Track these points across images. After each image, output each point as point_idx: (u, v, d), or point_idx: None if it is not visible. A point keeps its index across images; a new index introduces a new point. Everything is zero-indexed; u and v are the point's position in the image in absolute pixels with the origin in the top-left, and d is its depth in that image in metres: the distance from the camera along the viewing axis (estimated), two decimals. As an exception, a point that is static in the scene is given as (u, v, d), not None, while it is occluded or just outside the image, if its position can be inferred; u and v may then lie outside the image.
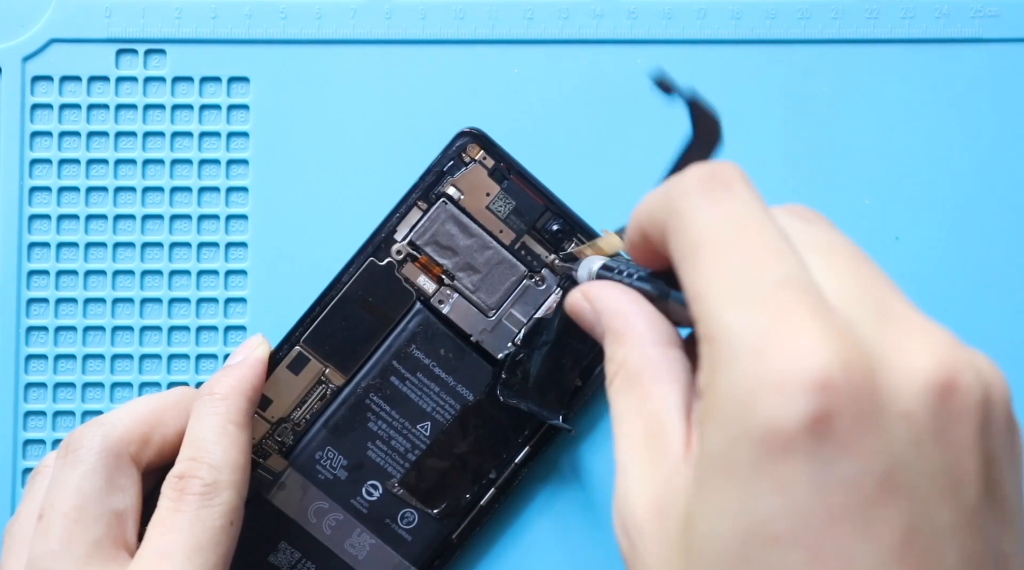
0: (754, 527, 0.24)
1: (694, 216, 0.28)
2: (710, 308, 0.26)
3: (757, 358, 0.24)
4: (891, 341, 0.25)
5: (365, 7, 0.49)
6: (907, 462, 0.24)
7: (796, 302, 0.25)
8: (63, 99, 0.49)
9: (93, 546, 0.39)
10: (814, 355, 0.24)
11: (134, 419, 0.42)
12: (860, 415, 0.24)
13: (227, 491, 0.40)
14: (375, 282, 0.46)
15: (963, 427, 0.25)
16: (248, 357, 0.44)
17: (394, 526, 0.47)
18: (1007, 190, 0.49)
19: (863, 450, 0.24)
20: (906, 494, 0.24)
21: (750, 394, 0.24)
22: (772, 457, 0.24)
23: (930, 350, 0.25)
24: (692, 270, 0.27)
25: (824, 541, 0.24)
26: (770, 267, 0.26)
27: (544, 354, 0.46)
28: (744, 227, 0.27)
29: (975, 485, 0.25)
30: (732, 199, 0.28)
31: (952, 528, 0.24)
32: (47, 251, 0.49)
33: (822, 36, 0.50)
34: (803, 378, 0.24)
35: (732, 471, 0.25)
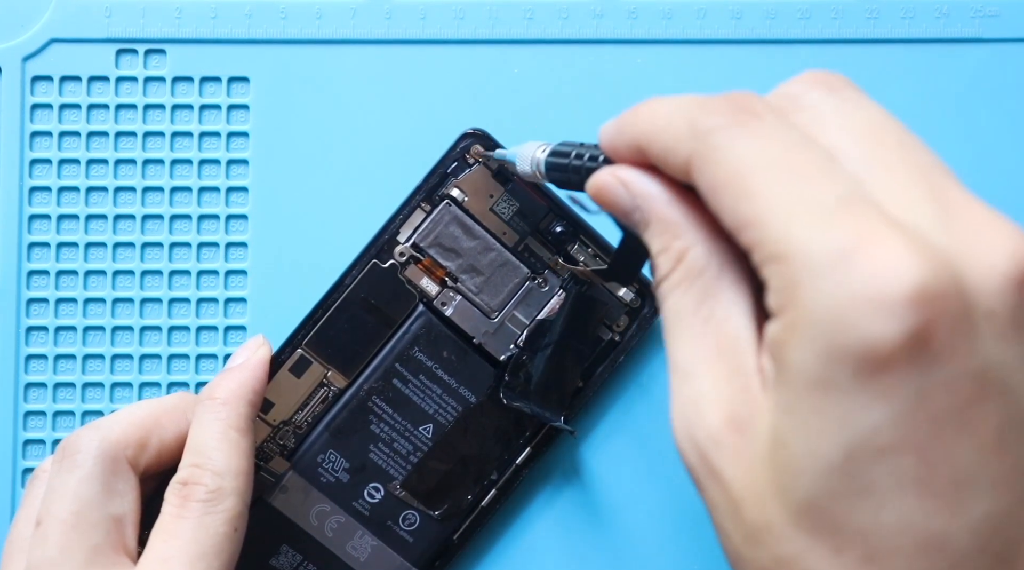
0: (858, 442, 0.24)
1: (732, 147, 0.27)
2: (776, 229, 0.25)
3: (844, 275, 0.24)
4: (965, 241, 0.25)
5: (365, 7, 0.49)
6: (996, 358, 0.24)
7: (864, 216, 0.25)
8: (63, 99, 0.49)
9: (92, 552, 0.39)
10: (907, 270, 0.24)
11: (131, 423, 0.42)
12: (955, 322, 0.24)
13: (231, 498, 0.40)
14: (378, 284, 0.46)
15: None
16: (249, 360, 0.44)
17: (396, 528, 0.47)
18: (1007, 190, 0.49)
19: (959, 354, 0.24)
20: (998, 390, 0.24)
21: (844, 311, 0.24)
22: (874, 372, 0.24)
23: (1001, 246, 0.25)
24: (741, 198, 0.27)
25: (928, 445, 0.24)
26: (827, 185, 0.26)
27: (546, 356, 0.46)
28: (787, 149, 0.27)
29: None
30: (768, 126, 0.27)
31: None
32: (47, 251, 0.49)
33: (822, 36, 0.50)
34: (900, 293, 0.23)
35: (829, 389, 0.25)
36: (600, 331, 0.47)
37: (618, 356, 0.47)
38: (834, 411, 0.25)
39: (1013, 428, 0.24)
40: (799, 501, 0.26)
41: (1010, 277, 0.25)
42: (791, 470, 0.26)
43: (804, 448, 0.25)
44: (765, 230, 0.26)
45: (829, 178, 0.26)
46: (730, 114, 0.28)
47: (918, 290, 0.23)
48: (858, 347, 0.24)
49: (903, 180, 0.26)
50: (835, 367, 0.24)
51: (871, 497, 0.25)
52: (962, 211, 0.26)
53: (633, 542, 0.49)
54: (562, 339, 0.46)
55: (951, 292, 0.24)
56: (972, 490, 0.24)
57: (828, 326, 0.24)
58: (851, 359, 0.24)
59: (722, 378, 0.28)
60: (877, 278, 0.24)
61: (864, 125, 0.28)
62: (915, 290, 0.23)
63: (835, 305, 0.24)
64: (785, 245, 0.25)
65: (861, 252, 0.24)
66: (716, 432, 0.28)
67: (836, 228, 0.25)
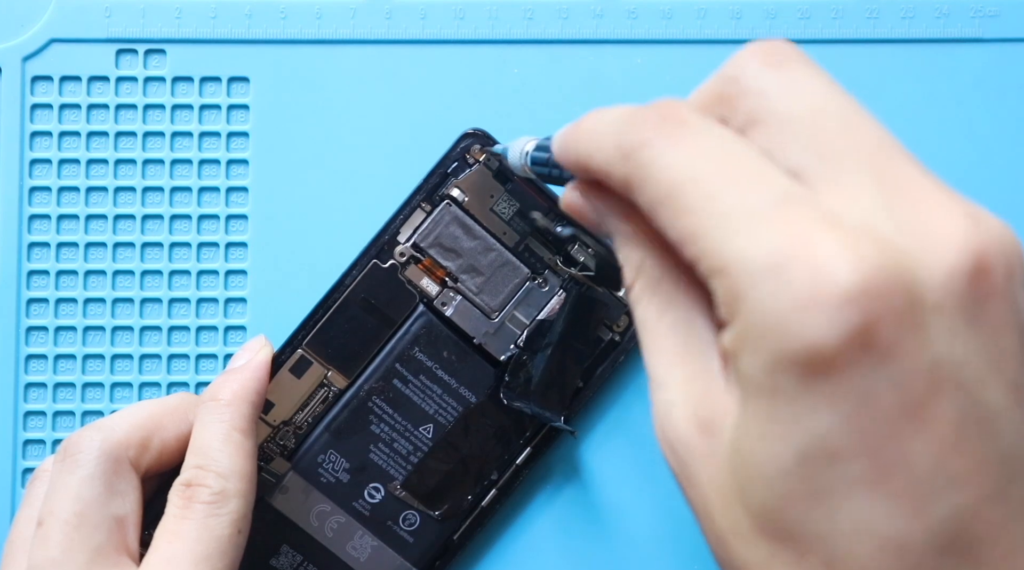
0: (809, 446, 0.24)
1: (660, 163, 0.27)
2: (713, 243, 0.25)
3: (782, 281, 0.24)
4: (910, 232, 0.25)
5: (365, 7, 0.49)
6: (949, 354, 0.24)
7: (802, 216, 0.24)
8: (63, 99, 0.49)
9: (94, 553, 0.39)
10: (841, 267, 0.23)
11: (133, 424, 0.42)
12: (899, 319, 0.23)
13: (235, 500, 0.40)
14: (378, 284, 0.46)
15: (995, 306, 0.24)
16: (251, 361, 0.44)
17: (396, 528, 0.47)
18: (1007, 190, 0.49)
19: (906, 351, 0.23)
20: (952, 385, 0.24)
21: (783, 317, 0.24)
22: (818, 375, 0.24)
23: (950, 235, 0.24)
24: (677, 214, 0.26)
25: (882, 447, 0.24)
26: (761, 189, 0.25)
27: (547, 356, 0.46)
28: (719, 157, 0.26)
29: (1017, 358, 0.25)
30: (695, 134, 0.27)
31: (1001, 407, 0.24)
32: (47, 251, 0.49)
33: (822, 36, 0.50)
34: (836, 292, 0.23)
35: (778, 396, 0.24)
36: (600, 331, 0.47)
37: (618, 356, 0.47)
38: (784, 417, 0.24)
39: (971, 424, 0.24)
40: (758, 506, 0.26)
41: (958, 269, 0.24)
42: (749, 475, 0.26)
43: (759, 454, 0.25)
44: (703, 244, 0.26)
45: (762, 181, 0.25)
46: (655, 127, 0.27)
47: (856, 289, 0.23)
48: (799, 352, 0.24)
49: (848, 168, 0.26)
50: (781, 374, 0.24)
51: (827, 502, 0.24)
52: (910, 196, 0.25)
53: (633, 542, 0.49)
54: (562, 339, 0.46)
55: (893, 288, 0.23)
56: (931, 490, 0.24)
57: (770, 334, 0.24)
58: (794, 365, 0.24)
59: (689, 383, 0.28)
60: (814, 281, 0.23)
61: (807, 109, 0.27)
62: (852, 289, 0.23)
63: (775, 313, 0.24)
64: (722, 258, 0.25)
65: (797, 256, 0.24)
66: (687, 436, 0.28)
67: (771, 235, 0.24)
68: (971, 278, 0.24)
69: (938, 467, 0.24)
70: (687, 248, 0.26)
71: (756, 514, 0.26)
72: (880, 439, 0.24)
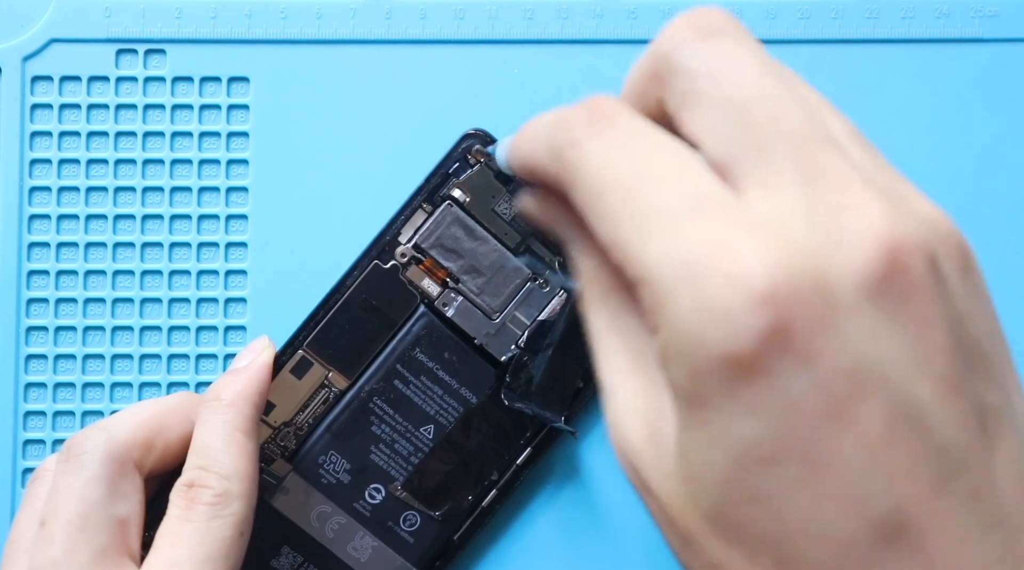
0: (743, 453, 0.24)
1: (586, 164, 0.27)
2: (632, 252, 0.25)
3: (693, 288, 0.24)
4: (827, 231, 0.24)
5: (365, 7, 0.49)
6: (871, 353, 0.24)
7: (716, 221, 0.24)
8: (63, 99, 0.49)
9: (97, 554, 0.38)
10: (750, 271, 0.23)
11: (137, 424, 0.42)
12: (812, 319, 0.23)
13: (237, 501, 0.40)
14: (379, 285, 0.46)
15: (918, 301, 0.24)
16: (254, 362, 0.44)
17: (396, 529, 0.47)
18: (1007, 190, 0.49)
19: (824, 354, 0.23)
20: (879, 385, 0.24)
21: (698, 327, 0.24)
22: (739, 383, 0.24)
23: (865, 233, 0.24)
24: (602, 219, 0.26)
25: (812, 449, 0.24)
26: (678, 192, 0.25)
27: (548, 357, 0.46)
28: (639, 158, 0.26)
29: (946, 351, 0.24)
30: (620, 132, 0.27)
31: (933, 401, 0.24)
32: (47, 251, 0.49)
33: (822, 36, 0.50)
34: (746, 297, 0.23)
35: (705, 405, 0.24)
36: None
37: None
38: (715, 426, 0.24)
39: (902, 421, 0.24)
40: (708, 512, 0.26)
41: (869, 268, 0.24)
42: (695, 482, 0.26)
43: (699, 461, 0.25)
44: (624, 251, 0.26)
45: (682, 182, 0.25)
46: (584, 126, 0.27)
47: (767, 292, 0.23)
48: (716, 361, 0.24)
49: (773, 162, 0.25)
50: (704, 383, 0.24)
51: (769, 505, 0.24)
52: (831, 192, 0.25)
53: (633, 542, 0.49)
54: (563, 340, 0.46)
55: (805, 290, 0.23)
56: (868, 488, 0.24)
57: (689, 344, 0.24)
58: (714, 373, 0.24)
59: (638, 392, 0.28)
60: (726, 287, 0.23)
61: (736, 93, 0.26)
62: (764, 292, 0.23)
63: (691, 322, 0.24)
64: (643, 268, 0.25)
65: (711, 264, 0.24)
66: (638, 445, 0.28)
67: (687, 241, 0.24)
68: (884, 276, 0.24)
69: (872, 465, 0.24)
70: (612, 254, 0.26)
71: (708, 519, 0.26)
72: (809, 442, 0.24)
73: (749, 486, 0.24)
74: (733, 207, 0.25)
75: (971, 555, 0.24)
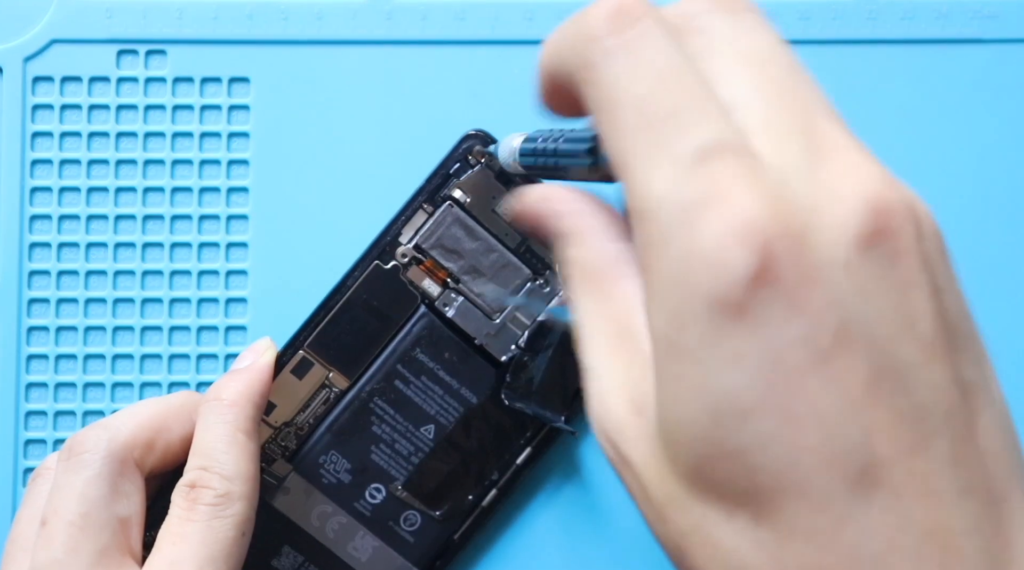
0: (720, 404, 0.24)
1: (606, 68, 0.26)
2: (636, 180, 0.25)
3: (688, 231, 0.24)
4: (824, 187, 0.24)
5: (366, 8, 0.49)
6: (857, 309, 0.24)
7: (725, 167, 0.24)
8: (64, 100, 0.49)
9: (99, 554, 0.38)
10: (745, 217, 0.23)
11: (138, 423, 0.42)
12: (800, 270, 0.23)
13: (239, 502, 0.40)
14: (380, 286, 0.46)
15: (904, 264, 0.24)
16: (255, 362, 0.44)
17: (397, 528, 0.47)
18: (1007, 190, 0.49)
19: (810, 306, 0.23)
20: (863, 341, 0.24)
21: (686, 269, 0.24)
22: (721, 329, 0.23)
23: (859, 190, 0.24)
24: (613, 133, 0.26)
25: (791, 401, 0.23)
26: (696, 129, 0.24)
27: (548, 357, 0.46)
28: (663, 82, 0.25)
29: (929, 317, 0.24)
30: (646, 45, 0.26)
31: (915, 362, 0.24)
32: (48, 251, 0.49)
33: (822, 36, 0.50)
34: (736, 241, 0.23)
35: (685, 353, 0.24)
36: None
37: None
38: (693, 376, 0.24)
39: (884, 378, 0.24)
40: (685, 469, 0.25)
41: (865, 228, 0.24)
42: (673, 440, 0.25)
43: (677, 416, 0.25)
44: (629, 178, 0.25)
45: (699, 119, 0.25)
46: (609, 22, 0.26)
47: (755, 233, 0.23)
48: (700, 303, 0.24)
49: (780, 116, 0.25)
50: (685, 329, 0.24)
51: (744, 459, 0.24)
52: (832, 153, 0.25)
53: (633, 542, 0.49)
54: (563, 340, 0.46)
55: (795, 238, 0.23)
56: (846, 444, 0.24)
57: (675, 286, 0.24)
58: (697, 317, 0.24)
59: (623, 368, 0.28)
60: (718, 230, 0.23)
61: (753, 53, 0.26)
62: (752, 233, 0.23)
63: (678, 264, 0.24)
64: (643, 200, 0.25)
65: (708, 206, 0.23)
66: (620, 420, 0.27)
67: (691, 182, 0.24)
68: (876, 235, 0.24)
69: (850, 419, 0.24)
70: (619, 173, 0.26)
71: (685, 478, 0.25)
72: (788, 394, 0.23)
73: (725, 440, 0.24)
74: (742, 154, 0.24)
75: (947, 518, 0.24)
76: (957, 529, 0.24)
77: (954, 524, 0.24)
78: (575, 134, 0.32)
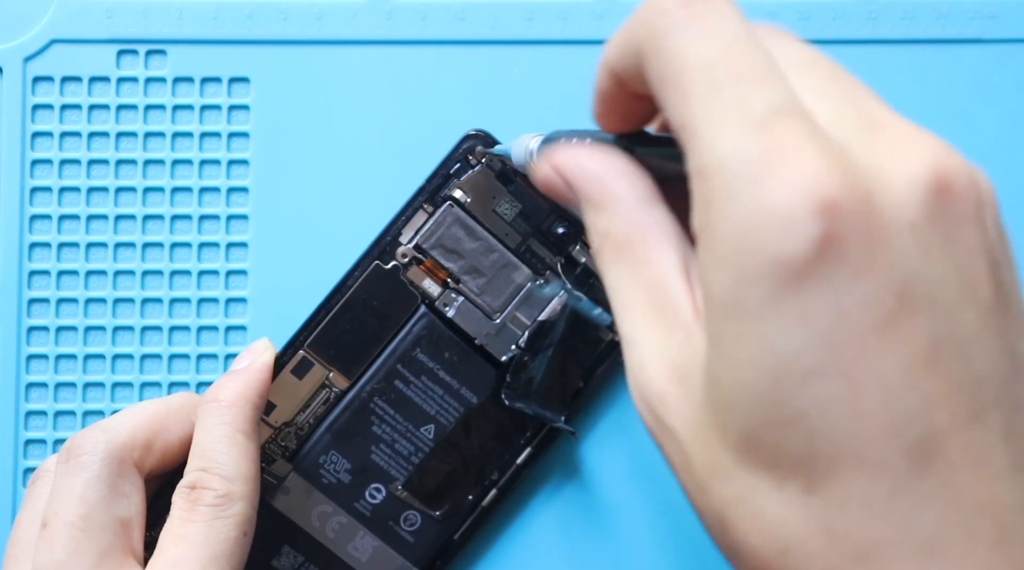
0: (782, 366, 0.24)
1: (676, 37, 0.26)
2: (703, 139, 0.25)
3: (756, 189, 0.24)
4: (885, 153, 0.25)
5: (366, 8, 0.49)
6: (922, 272, 0.24)
7: (791, 129, 0.24)
8: (64, 99, 0.49)
9: (101, 555, 0.38)
10: (814, 179, 0.23)
11: (137, 424, 0.42)
12: (868, 232, 0.23)
13: (240, 502, 0.40)
14: (380, 286, 0.46)
15: (967, 230, 0.25)
16: (253, 363, 0.44)
17: (397, 528, 0.47)
18: (1007, 190, 0.49)
19: (877, 267, 0.23)
20: (926, 304, 0.24)
21: (753, 227, 0.24)
22: (787, 289, 0.24)
23: (923, 156, 0.25)
24: (681, 99, 0.26)
25: (854, 364, 0.23)
26: (762, 93, 0.25)
27: (548, 357, 0.46)
28: (732, 49, 0.26)
29: (988, 286, 0.25)
30: (716, 17, 0.26)
31: (975, 331, 0.24)
32: (48, 251, 0.49)
33: (822, 36, 0.50)
34: (806, 203, 0.23)
35: (747, 313, 0.24)
36: (601, 332, 0.47)
37: (619, 356, 0.47)
38: (755, 337, 0.24)
39: (945, 345, 0.24)
40: (737, 436, 0.25)
41: (930, 187, 0.24)
42: (725, 406, 0.25)
43: (732, 380, 0.25)
44: (695, 138, 0.25)
45: (766, 84, 0.25)
46: (680, 2, 0.27)
47: (824, 198, 0.23)
48: (767, 263, 0.24)
49: (833, 97, 0.26)
50: (749, 289, 0.24)
51: (803, 424, 0.24)
52: (888, 126, 0.26)
53: (633, 542, 0.49)
54: (563, 340, 0.46)
55: (862, 200, 0.23)
56: (906, 410, 0.24)
57: (740, 245, 0.24)
58: (763, 277, 0.24)
59: (662, 336, 0.28)
60: (788, 191, 0.23)
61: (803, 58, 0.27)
62: (821, 198, 0.23)
63: (746, 221, 0.24)
64: (710, 157, 0.25)
65: (776, 166, 0.24)
66: (661, 389, 0.28)
67: (759, 140, 0.24)
68: (940, 197, 0.24)
69: (911, 386, 0.24)
70: (683, 137, 0.26)
71: (735, 446, 0.25)
72: (852, 356, 0.24)
73: (785, 403, 0.24)
74: (806, 118, 0.25)
75: (999, 493, 0.24)
76: (1012, 505, 0.24)
77: (1009, 500, 0.24)
78: (600, 135, 0.32)
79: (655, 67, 0.27)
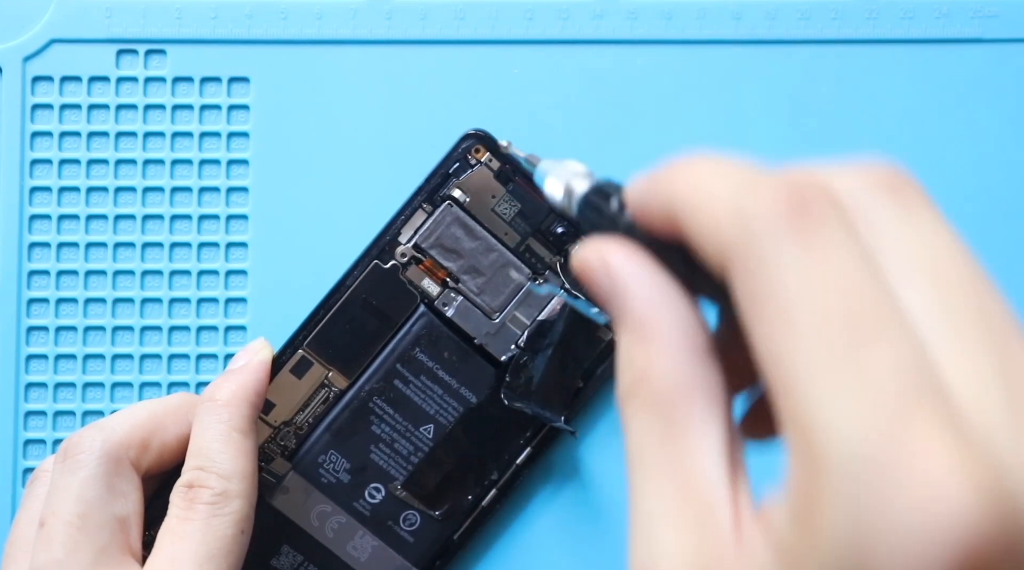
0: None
1: (781, 262, 0.21)
2: (809, 393, 0.20)
3: (881, 493, 0.19)
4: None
5: (365, 7, 0.49)
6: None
7: (919, 407, 0.20)
8: (64, 99, 0.49)
9: (99, 554, 0.39)
10: (957, 517, 0.19)
11: (133, 424, 0.42)
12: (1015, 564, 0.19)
13: (237, 500, 0.40)
14: (379, 285, 0.46)
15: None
16: (251, 362, 0.44)
17: (396, 528, 0.47)
18: (1007, 190, 0.49)
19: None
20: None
21: (871, 540, 0.19)
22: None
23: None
24: (777, 331, 0.21)
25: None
26: (886, 350, 0.20)
27: (547, 357, 0.46)
28: (850, 286, 0.21)
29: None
30: (829, 244, 0.21)
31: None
32: (48, 251, 0.49)
33: (822, 36, 0.50)
34: (944, 552, 0.19)
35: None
36: (600, 332, 0.47)
37: (619, 357, 0.47)
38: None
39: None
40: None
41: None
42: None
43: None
44: (795, 385, 0.21)
45: (890, 339, 0.20)
46: (787, 214, 0.22)
47: (970, 536, 0.19)
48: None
49: (973, 346, 0.21)
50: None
51: None
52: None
53: (633, 542, 0.49)
54: (563, 340, 0.46)
55: (1011, 537, 0.19)
56: None
57: (849, 553, 0.20)
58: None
59: (687, 531, 0.23)
60: (920, 499, 0.19)
61: (931, 257, 0.23)
62: (966, 536, 0.19)
63: (864, 527, 0.19)
64: (816, 419, 0.20)
65: (902, 459, 0.19)
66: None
67: (882, 417, 0.20)
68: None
69: None
70: (773, 371, 0.22)
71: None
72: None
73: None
74: (942, 402, 0.20)
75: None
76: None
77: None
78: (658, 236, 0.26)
79: (746, 286, 0.22)
